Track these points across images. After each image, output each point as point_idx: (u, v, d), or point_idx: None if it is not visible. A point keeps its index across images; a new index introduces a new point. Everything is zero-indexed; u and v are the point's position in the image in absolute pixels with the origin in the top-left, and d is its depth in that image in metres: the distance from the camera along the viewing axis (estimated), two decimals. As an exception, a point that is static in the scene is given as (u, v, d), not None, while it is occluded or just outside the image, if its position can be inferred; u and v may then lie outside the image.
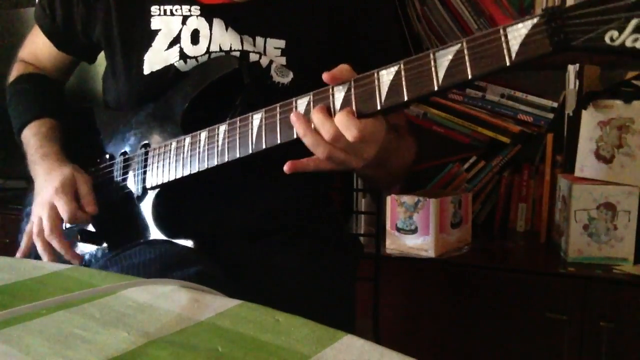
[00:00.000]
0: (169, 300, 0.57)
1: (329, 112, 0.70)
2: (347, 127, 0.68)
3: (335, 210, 1.09)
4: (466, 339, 1.43)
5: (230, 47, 0.89)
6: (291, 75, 0.90)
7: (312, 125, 0.71)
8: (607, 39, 0.54)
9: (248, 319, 0.52)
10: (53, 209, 0.88)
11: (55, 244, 0.89)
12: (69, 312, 0.54)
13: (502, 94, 1.70)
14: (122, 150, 0.96)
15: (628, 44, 0.53)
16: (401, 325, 1.50)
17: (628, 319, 1.27)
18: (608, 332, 1.27)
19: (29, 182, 1.06)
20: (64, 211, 0.87)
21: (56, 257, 0.90)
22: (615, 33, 0.53)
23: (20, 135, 1.03)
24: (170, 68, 0.92)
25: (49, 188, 0.90)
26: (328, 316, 0.55)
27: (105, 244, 0.96)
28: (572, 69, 1.54)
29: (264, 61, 0.89)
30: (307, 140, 0.71)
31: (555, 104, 1.66)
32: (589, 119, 1.39)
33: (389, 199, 1.50)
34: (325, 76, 0.70)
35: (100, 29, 0.98)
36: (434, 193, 1.53)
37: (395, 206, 1.49)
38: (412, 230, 1.47)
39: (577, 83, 1.49)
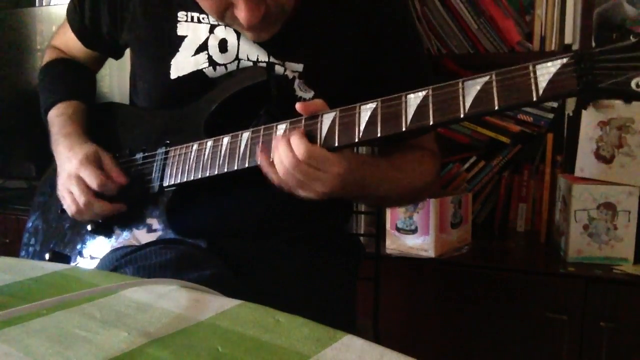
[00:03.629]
0: (169, 300, 0.57)
1: (289, 143, 0.74)
2: (296, 147, 0.73)
3: (338, 212, 1.09)
4: (466, 339, 1.43)
5: (257, 58, 0.91)
6: (312, 92, 0.91)
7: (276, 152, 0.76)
8: (633, 85, 0.57)
9: (248, 319, 0.52)
10: (80, 180, 0.91)
11: (97, 208, 0.91)
12: (69, 312, 0.54)
13: (502, 94, 1.70)
14: (143, 147, 0.97)
15: None
16: (401, 325, 1.50)
17: (628, 319, 1.27)
18: (608, 332, 1.27)
19: (28, 181, 1.06)
20: (92, 179, 0.89)
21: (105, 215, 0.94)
22: None
23: (47, 116, 1.05)
24: (198, 74, 0.93)
25: (73, 161, 0.92)
26: (329, 317, 0.55)
27: (115, 241, 0.96)
28: (572, 69, 1.54)
29: (289, 74, 0.91)
30: (261, 163, 0.77)
31: (555, 104, 1.66)
32: (589, 119, 1.39)
33: (389, 199, 1.50)
34: (299, 106, 0.75)
35: (127, 34, 0.99)
36: (434, 193, 1.53)
37: (395, 206, 1.49)
38: (412, 230, 1.47)
39: (577, 83, 1.49)
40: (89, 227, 0.97)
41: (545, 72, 0.60)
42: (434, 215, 1.43)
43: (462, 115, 0.65)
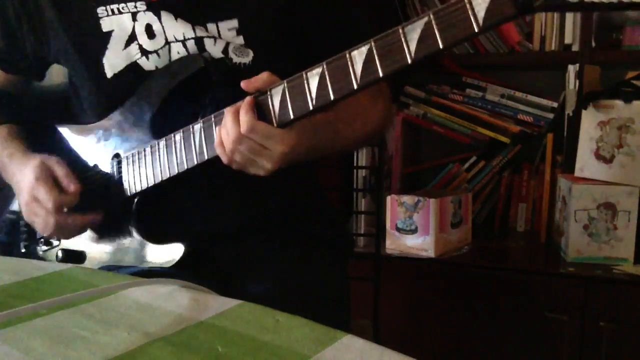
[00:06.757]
0: (169, 300, 0.57)
1: (238, 115, 0.73)
2: (242, 122, 0.71)
3: (326, 208, 1.08)
4: (466, 339, 1.43)
5: (184, 36, 0.88)
6: (251, 54, 0.88)
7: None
8: None
9: (248, 319, 0.52)
10: (40, 202, 0.87)
11: (72, 224, 0.88)
12: (69, 312, 0.55)
13: (502, 94, 1.70)
14: (93, 164, 0.95)
15: None
16: (401, 325, 1.50)
17: (628, 319, 1.27)
18: (608, 332, 1.27)
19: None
20: (47, 201, 0.86)
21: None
22: None
23: None
24: (133, 67, 0.90)
25: (26, 183, 0.88)
26: (322, 315, 0.54)
27: (92, 264, 0.94)
28: (572, 69, 1.54)
29: (220, 44, 0.88)
30: (216, 140, 0.76)
31: (555, 104, 1.66)
32: (589, 119, 1.39)
33: (389, 199, 1.50)
34: (243, 84, 0.73)
35: (54, 44, 0.95)
36: (434, 193, 1.53)
37: (395, 206, 1.49)
38: (412, 230, 1.47)
39: (577, 83, 1.49)
40: (58, 254, 0.94)
41: (481, 0, 0.60)
42: (434, 215, 1.43)
43: (409, 61, 0.64)
